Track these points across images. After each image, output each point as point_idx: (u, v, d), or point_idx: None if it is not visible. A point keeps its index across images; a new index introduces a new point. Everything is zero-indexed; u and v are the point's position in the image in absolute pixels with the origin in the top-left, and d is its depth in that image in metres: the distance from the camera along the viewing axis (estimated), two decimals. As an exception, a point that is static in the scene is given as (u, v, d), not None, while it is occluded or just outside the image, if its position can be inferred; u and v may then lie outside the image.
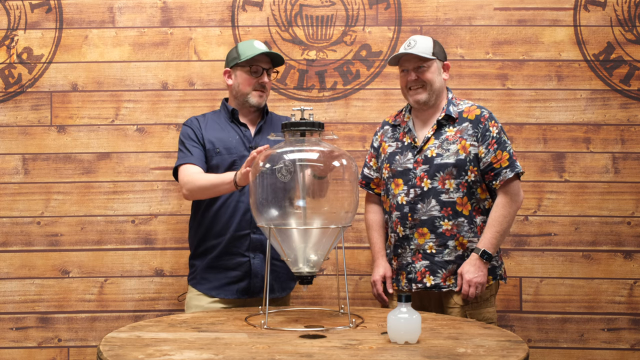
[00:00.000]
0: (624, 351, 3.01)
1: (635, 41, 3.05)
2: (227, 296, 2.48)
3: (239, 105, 2.56)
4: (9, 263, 3.02)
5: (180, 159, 2.50)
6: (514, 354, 1.68)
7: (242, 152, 2.49)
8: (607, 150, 3.04)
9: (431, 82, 2.41)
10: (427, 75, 2.41)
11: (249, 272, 2.48)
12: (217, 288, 2.48)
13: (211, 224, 2.50)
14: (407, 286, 2.44)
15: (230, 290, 2.48)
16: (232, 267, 2.49)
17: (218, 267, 2.49)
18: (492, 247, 2.36)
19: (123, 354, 1.68)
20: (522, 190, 2.43)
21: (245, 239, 2.48)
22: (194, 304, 2.52)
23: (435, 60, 2.42)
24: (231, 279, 2.49)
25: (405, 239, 2.43)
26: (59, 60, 3.05)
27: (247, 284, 2.48)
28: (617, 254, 3.03)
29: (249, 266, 2.48)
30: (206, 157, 2.49)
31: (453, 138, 2.41)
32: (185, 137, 2.53)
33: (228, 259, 2.49)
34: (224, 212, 2.48)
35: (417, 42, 2.42)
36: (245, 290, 2.48)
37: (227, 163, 2.48)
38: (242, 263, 2.48)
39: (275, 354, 1.68)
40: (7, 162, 3.04)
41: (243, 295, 2.48)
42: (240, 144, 2.52)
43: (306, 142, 2.08)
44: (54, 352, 3.02)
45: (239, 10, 3.08)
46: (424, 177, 2.41)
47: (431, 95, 2.43)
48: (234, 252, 2.48)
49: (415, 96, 2.43)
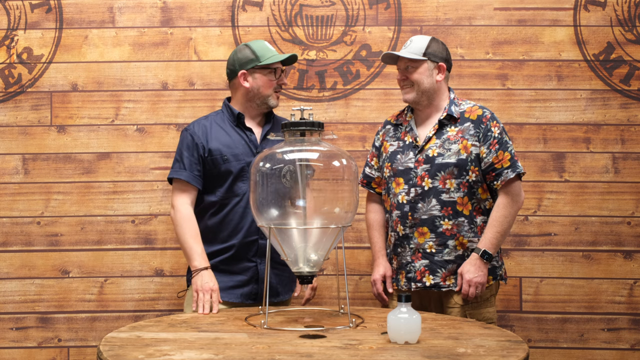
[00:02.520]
0: (624, 351, 3.01)
1: (635, 41, 3.05)
2: (231, 299, 2.45)
3: (254, 107, 2.51)
4: (9, 263, 3.02)
5: (174, 170, 2.46)
6: (514, 354, 1.68)
7: (250, 158, 2.44)
8: (607, 150, 3.04)
9: (418, 82, 2.43)
10: (414, 75, 2.43)
11: (255, 277, 2.46)
12: (222, 291, 2.43)
13: (218, 229, 2.47)
14: (406, 285, 2.44)
15: (235, 294, 2.46)
16: (238, 271, 2.47)
17: (224, 270, 2.46)
18: (492, 247, 2.36)
19: (123, 354, 1.68)
20: (523, 191, 2.44)
21: (253, 244, 2.46)
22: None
23: (426, 61, 2.42)
24: (236, 282, 2.47)
25: (405, 238, 2.43)
26: (59, 60, 3.05)
27: (252, 289, 2.47)
28: (617, 254, 3.03)
29: (255, 271, 2.46)
30: (213, 166, 2.45)
31: (454, 138, 2.41)
32: (184, 146, 2.47)
33: (235, 264, 2.47)
34: (232, 217, 2.45)
35: (412, 43, 2.45)
36: (249, 294, 2.47)
37: (236, 170, 2.44)
38: (249, 268, 2.47)
39: (275, 354, 1.68)
40: (7, 162, 3.04)
41: (247, 299, 2.47)
42: (247, 150, 2.47)
43: (306, 142, 2.08)
44: (54, 352, 3.02)
45: (239, 10, 3.08)
46: (425, 177, 2.41)
47: (419, 95, 2.44)
48: (242, 257, 2.47)
49: (404, 95, 2.48)
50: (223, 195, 2.45)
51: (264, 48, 2.49)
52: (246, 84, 2.47)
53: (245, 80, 2.47)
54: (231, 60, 2.51)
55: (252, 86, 2.47)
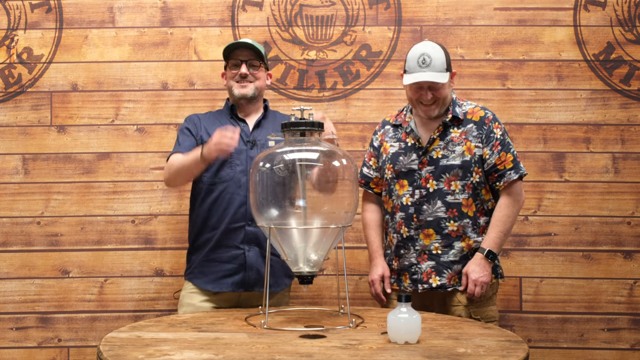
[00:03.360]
0: (624, 351, 3.01)
1: (635, 41, 3.05)
2: (223, 289, 2.48)
3: (234, 101, 2.63)
4: (9, 263, 3.02)
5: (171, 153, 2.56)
6: (514, 354, 1.68)
7: (241, 147, 2.50)
8: (607, 150, 3.04)
9: (445, 97, 2.42)
10: (442, 92, 2.40)
11: (243, 264, 2.48)
12: (212, 281, 2.49)
13: (207, 217, 2.52)
14: (411, 286, 2.43)
15: (225, 284, 2.48)
16: (226, 260, 2.49)
17: (213, 260, 2.50)
18: (496, 246, 2.37)
19: (123, 354, 1.68)
20: (524, 190, 2.44)
21: (239, 231, 2.48)
22: (186, 302, 2.52)
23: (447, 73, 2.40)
24: (226, 272, 2.49)
25: (409, 239, 2.43)
26: (59, 60, 3.05)
27: (242, 277, 2.48)
28: (617, 254, 3.03)
29: (243, 259, 2.48)
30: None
31: (458, 139, 2.41)
32: (180, 131, 2.60)
33: (223, 252, 2.49)
34: (218, 204, 2.49)
35: (432, 59, 2.36)
36: (240, 283, 2.48)
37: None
38: (237, 256, 2.48)
39: (275, 354, 1.68)
40: (7, 162, 3.04)
41: (238, 288, 2.48)
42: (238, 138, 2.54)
43: (306, 141, 2.08)
44: (54, 352, 3.02)
45: (239, 10, 3.08)
46: (430, 178, 2.41)
47: (442, 108, 2.44)
48: (229, 244, 2.49)
49: (428, 112, 2.42)
50: (210, 180, 2.51)
51: (230, 46, 2.61)
52: (224, 81, 2.66)
53: (224, 78, 2.67)
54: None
55: (226, 83, 2.64)
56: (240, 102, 2.61)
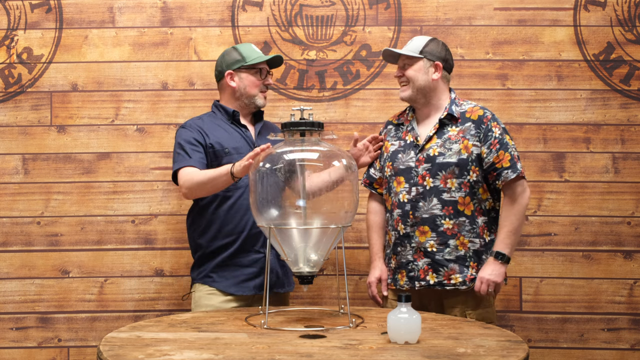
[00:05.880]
0: (624, 351, 3.01)
1: (635, 41, 3.05)
2: (245, 292, 2.51)
3: (242, 106, 2.61)
4: (9, 263, 3.02)
5: (179, 162, 2.49)
6: (514, 354, 1.68)
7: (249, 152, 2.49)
8: (607, 150, 3.04)
9: (413, 79, 2.45)
10: (409, 72, 2.47)
11: (264, 268, 2.48)
12: (234, 285, 2.51)
13: (223, 223, 2.51)
14: (407, 284, 2.44)
15: (247, 287, 2.51)
16: (247, 264, 2.52)
17: (233, 264, 2.52)
18: (505, 247, 2.38)
19: (123, 354, 1.68)
20: (528, 189, 2.44)
21: (259, 235, 2.51)
22: (204, 303, 2.52)
23: (422, 59, 2.45)
24: (247, 275, 2.52)
25: (406, 236, 2.44)
26: (59, 60, 3.05)
27: (263, 280, 2.49)
28: (617, 254, 3.03)
29: (264, 262, 2.50)
30: (215, 158, 2.51)
31: (455, 137, 2.42)
32: (184, 141, 2.52)
33: (243, 257, 2.52)
34: (235, 210, 2.50)
35: (411, 42, 2.51)
36: (261, 286, 2.51)
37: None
38: (258, 259, 2.52)
39: (275, 354, 1.68)
40: (7, 162, 3.04)
41: (260, 291, 2.51)
42: (245, 144, 2.56)
43: (306, 142, 2.08)
44: (54, 352, 3.02)
45: (239, 10, 3.08)
46: (426, 176, 2.41)
47: (415, 93, 2.46)
48: (249, 249, 2.52)
49: (400, 93, 2.51)
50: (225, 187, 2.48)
51: (250, 49, 2.60)
52: (233, 83, 2.58)
53: (232, 79, 2.58)
54: (219, 62, 2.63)
55: (238, 86, 2.58)
56: (251, 110, 2.62)
